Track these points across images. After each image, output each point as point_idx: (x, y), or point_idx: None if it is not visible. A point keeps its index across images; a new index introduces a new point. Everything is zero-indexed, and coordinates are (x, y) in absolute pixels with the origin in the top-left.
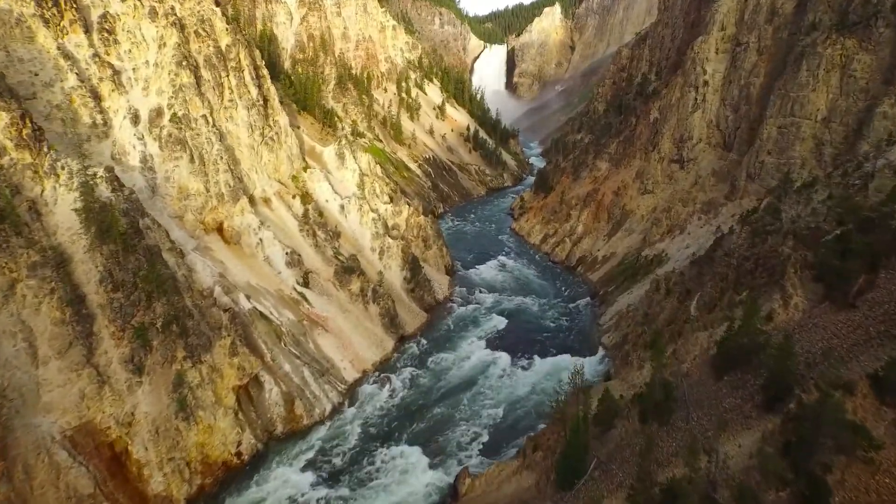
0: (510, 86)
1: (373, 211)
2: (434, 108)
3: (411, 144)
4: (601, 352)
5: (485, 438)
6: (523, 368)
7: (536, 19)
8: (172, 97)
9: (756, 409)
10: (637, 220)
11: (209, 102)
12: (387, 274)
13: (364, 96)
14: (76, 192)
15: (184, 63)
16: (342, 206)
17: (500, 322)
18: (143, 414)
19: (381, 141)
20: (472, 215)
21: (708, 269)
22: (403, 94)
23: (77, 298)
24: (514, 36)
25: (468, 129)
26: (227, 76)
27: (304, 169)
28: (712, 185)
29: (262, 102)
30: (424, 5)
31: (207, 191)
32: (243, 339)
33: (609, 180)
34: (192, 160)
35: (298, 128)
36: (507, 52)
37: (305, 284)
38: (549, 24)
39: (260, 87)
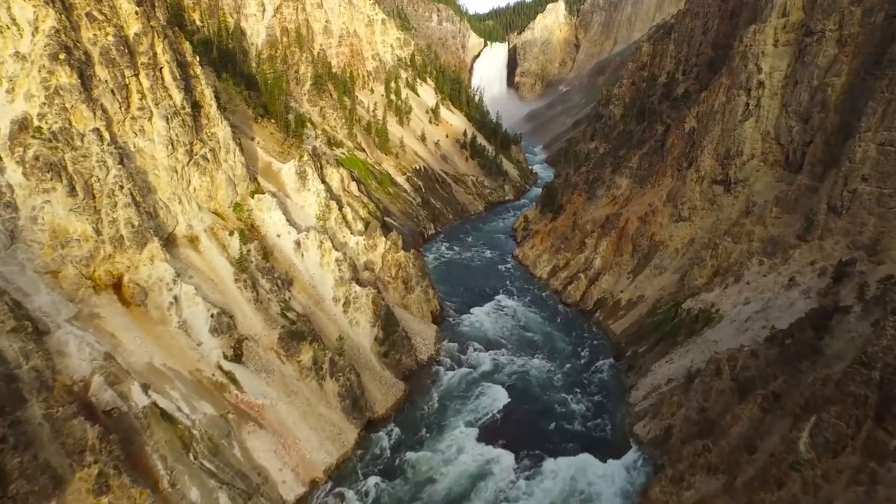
0: (512, 86)
1: (337, 249)
2: (427, 112)
3: (399, 153)
4: (634, 449)
5: None
6: (529, 478)
7: (539, 16)
8: (45, 104)
9: None
10: (670, 254)
11: (105, 111)
12: (352, 333)
13: (346, 98)
14: None
15: (62, 57)
16: (298, 243)
17: (498, 397)
18: None
19: (363, 150)
20: (468, 238)
21: (804, 361)
22: (392, 96)
23: None
24: (515, 34)
25: (465, 134)
26: (137, 76)
27: (253, 194)
28: (775, 216)
29: (188, 110)
30: (421, 1)
31: (98, 234)
32: (126, 459)
33: (633, 202)
34: (72, 192)
35: (253, 140)
36: (509, 51)
37: (237, 358)
38: (553, 21)
39: (189, 89)
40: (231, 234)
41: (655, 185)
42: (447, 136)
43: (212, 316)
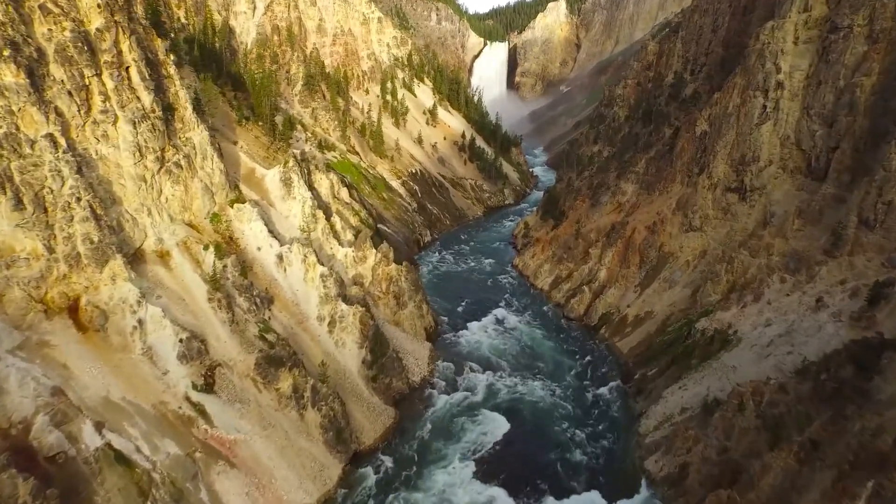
0: (512, 86)
1: (324, 263)
2: (424, 113)
3: (394, 156)
4: (645, 486)
5: None
6: None
7: (540, 15)
8: None
9: None
10: (680, 267)
11: (61, 115)
12: (338, 355)
13: (339, 99)
14: None
15: (6, 53)
16: (280, 257)
17: (496, 426)
18: None
19: (356, 153)
20: (466, 246)
21: (847, 405)
22: (388, 97)
23: None
24: (515, 33)
25: (463, 136)
26: (99, 76)
27: (233, 203)
28: (797, 229)
29: (159, 113)
30: (420, 0)
31: (51, 251)
32: None
33: (640, 210)
34: (18, 205)
35: (235, 144)
36: (509, 51)
37: (208, 388)
38: (554, 21)
39: (161, 91)
40: (206, 248)
41: (664, 192)
42: (445, 139)
43: (181, 341)
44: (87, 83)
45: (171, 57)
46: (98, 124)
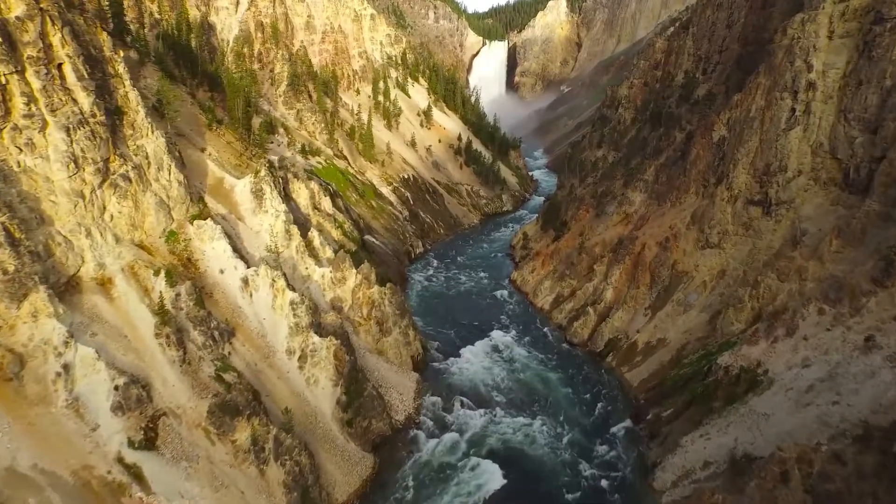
0: (511, 86)
1: (296, 287)
2: (418, 114)
3: (385, 161)
4: None
5: None
6: None
7: (540, 13)
8: None
9: None
10: (696, 288)
11: None
12: (309, 395)
13: (327, 100)
14: None
15: None
16: (245, 281)
17: (489, 477)
18: None
19: (344, 158)
20: (461, 256)
21: None
22: (380, 97)
23: None
24: (515, 32)
25: (460, 138)
26: (21, 73)
27: (194, 219)
28: (836, 251)
29: (102, 118)
30: None
31: None
32: None
33: (650, 223)
34: None
35: (203, 151)
36: (508, 50)
37: (148, 443)
38: (554, 19)
39: (107, 92)
40: (157, 272)
41: (676, 204)
42: (440, 141)
43: (117, 388)
44: (4, 82)
45: (122, 53)
46: (20, 131)
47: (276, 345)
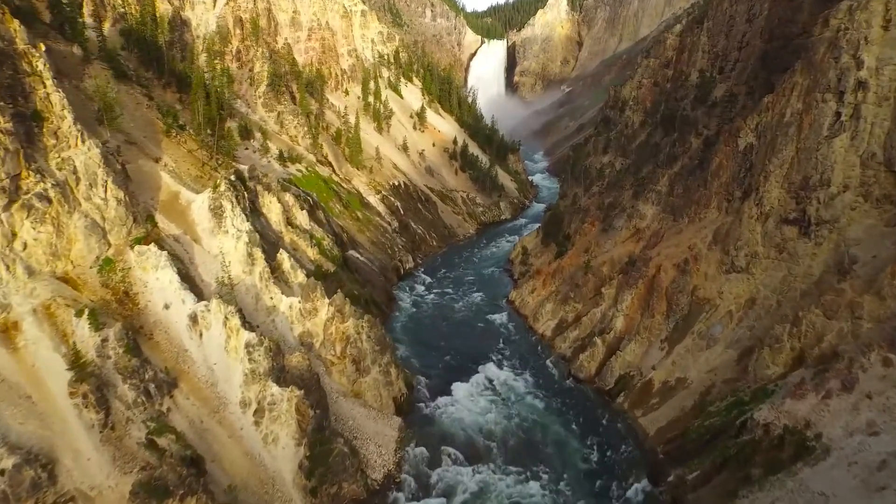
0: (510, 86)
1: (251, 326)
2: (411, 116)
3: (374, 167)
4: None
5: None
6: None
7: (540, 12)
8: None
9: None
10: (721, 318)
11: None
12: (267, 457)
13: (312, 102)
14: None
15: None
16: (194, 318)
17: None
18: None
19: (328, 164)
20: (454, 272)
21: None
22: (370, 98)
23: None
24: (514, 31)
25: (455, 142)
26: None
27: (136, 244)
28: None
29: (9, 126)
30: None
31: None
32: None
33: (665, 242)
34: None
35: (158, 161)
36: (508, 49)
37: None
38: (554, 18)
39: (20, 94)
40: (80, 313)
41: (695, 220)
42: (434, 145)
43: (2, 473)
44: None
45: (42, 47)
46: None
47: (229, 395)
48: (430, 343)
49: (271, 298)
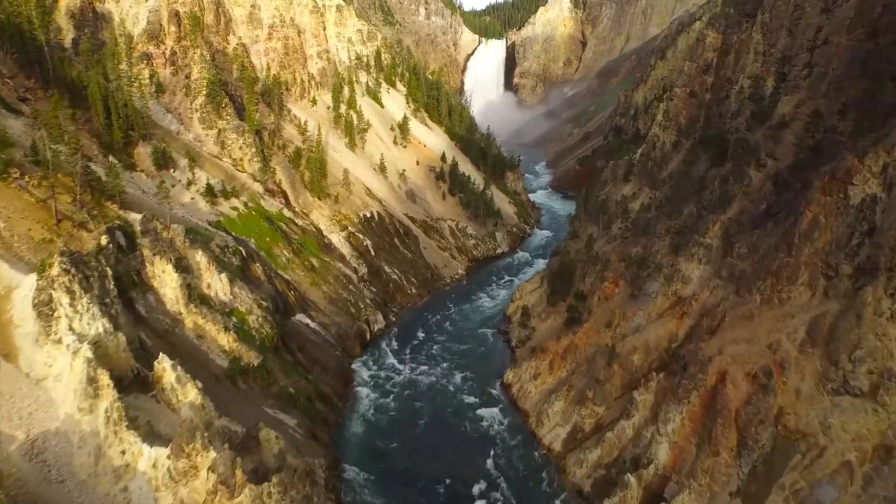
0: (510, 88)
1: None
2: (392, 129)
3: (341, 195)
4: None
5: None
6: None
7: (541, 10)
8: None
9: None
10: (832, 472)
11: None
12: None
13: (268, 115)
14: None
15: None
16: None
17: None
18: None
19: (281, 194)
20: (436, 335)
21: None
22: (342, 108)
23: None
24: (514, 30)
25: (444, 159)
26: None
27: None
28: None
29: None
30: None
31: None
32: None
33: (729, 333)
34: None
35: None
36: (507, 49)
37: None
38: (556, 16)
39: None
40: None
41: (774, 299)
42: (418, 163)
43: None
44: None
45: None
46: None
47: None
48: (393, 464)
49: (123, 453)
